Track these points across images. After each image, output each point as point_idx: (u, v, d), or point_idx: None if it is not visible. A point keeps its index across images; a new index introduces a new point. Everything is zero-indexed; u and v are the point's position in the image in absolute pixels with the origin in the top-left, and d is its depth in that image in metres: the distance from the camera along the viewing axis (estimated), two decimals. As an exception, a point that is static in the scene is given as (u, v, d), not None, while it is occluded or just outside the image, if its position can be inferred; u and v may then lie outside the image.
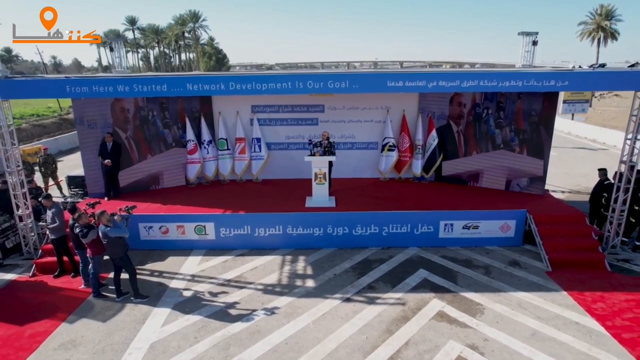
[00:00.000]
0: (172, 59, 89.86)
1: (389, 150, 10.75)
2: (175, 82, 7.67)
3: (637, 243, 8.54)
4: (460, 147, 10.56)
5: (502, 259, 8.36)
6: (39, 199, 8.89)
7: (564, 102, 20.78)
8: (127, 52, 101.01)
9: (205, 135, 10.60)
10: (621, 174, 8.17)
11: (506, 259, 8.35)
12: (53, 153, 13.06)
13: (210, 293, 7.18)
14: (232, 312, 6.62)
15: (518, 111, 9.63)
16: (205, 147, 10.62)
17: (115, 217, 6.78)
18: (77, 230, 6.86)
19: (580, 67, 7.95)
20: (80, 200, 10.43)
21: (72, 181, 11.01)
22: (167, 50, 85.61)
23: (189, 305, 6.82)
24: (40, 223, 8.41)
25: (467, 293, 7.09)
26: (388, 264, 8.09)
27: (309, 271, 7.92)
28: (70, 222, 7.14)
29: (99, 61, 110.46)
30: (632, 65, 7.65)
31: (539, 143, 9.58)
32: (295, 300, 6.90)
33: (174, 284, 7.51)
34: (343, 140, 10.97)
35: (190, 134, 10.44)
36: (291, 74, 7.86)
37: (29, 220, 8.44)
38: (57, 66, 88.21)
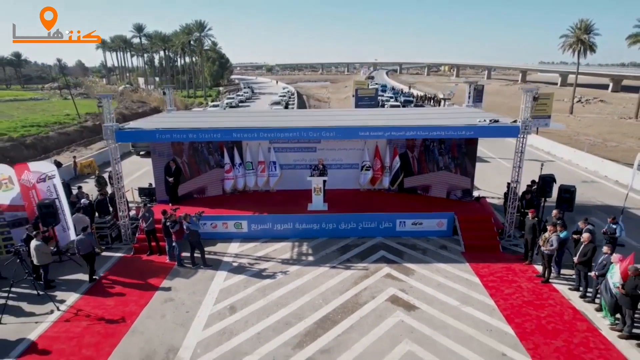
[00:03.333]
0: (177, 62, 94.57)
1: (366, 170, 15.19)
2: (226, 132, 12.17)
3: (523, 232, 12.91)
4: (414, 167, 14.98)
5: (436, 244, 12.78)
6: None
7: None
8: (132, 55, 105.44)
9: (237, 159, 15.03)
10: (513, 189, 12.61)
11: (438, 244, 12.78)
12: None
13: (249, 264, 11.64)
14: (264, 273, 11.08)
15: (453, 145, 14.06)
16: (237, 168, 15.06)
17: (193, 218, 11.24)
18: (168, 224, 11.33)
19: (484, 120, 12.33)
20: (149, 205, 14.84)
21: (142, 191, 15.43)
22: (171, 55, 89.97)
23: (237, 270, 11.28)
24: (138, 215, 12.78)
25: (408, 264, 11.51)
26: (360, 248, 12.53)
27: (310, 251, 12.37)
28: (163, 219, 11.61)
29: (104, 64, 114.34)
30: (514, 121, 12.06)
31: (466, 166, 14.00)
32: (302, 268, 11.35)
33: (225, 259, 11.97)
34: (334, 162, 15.40)
35: (226, 159, 14.88)
36: (298, 128, 12.32)
37: (126, 219, 12.91)
38: (63, 68, 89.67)
